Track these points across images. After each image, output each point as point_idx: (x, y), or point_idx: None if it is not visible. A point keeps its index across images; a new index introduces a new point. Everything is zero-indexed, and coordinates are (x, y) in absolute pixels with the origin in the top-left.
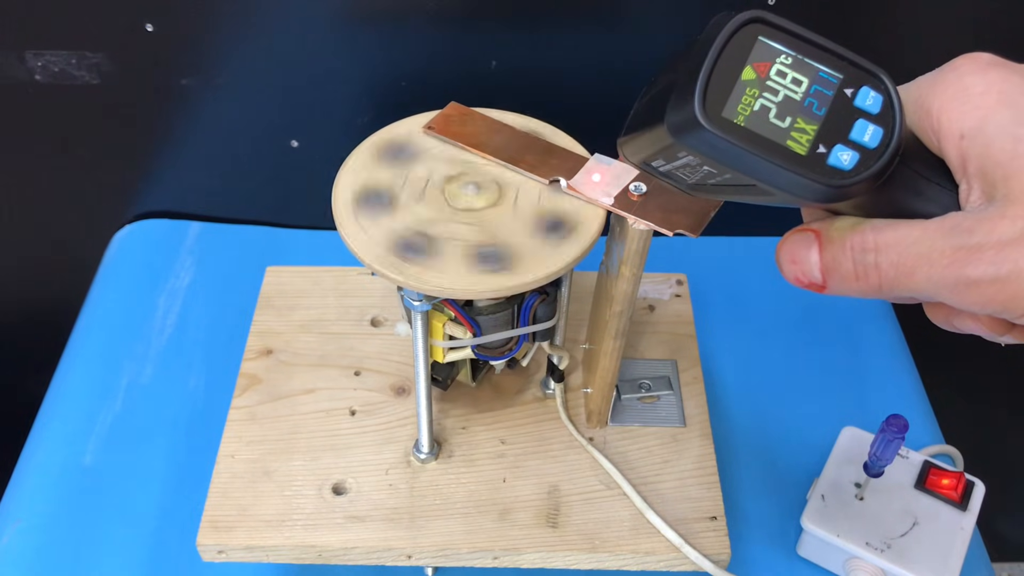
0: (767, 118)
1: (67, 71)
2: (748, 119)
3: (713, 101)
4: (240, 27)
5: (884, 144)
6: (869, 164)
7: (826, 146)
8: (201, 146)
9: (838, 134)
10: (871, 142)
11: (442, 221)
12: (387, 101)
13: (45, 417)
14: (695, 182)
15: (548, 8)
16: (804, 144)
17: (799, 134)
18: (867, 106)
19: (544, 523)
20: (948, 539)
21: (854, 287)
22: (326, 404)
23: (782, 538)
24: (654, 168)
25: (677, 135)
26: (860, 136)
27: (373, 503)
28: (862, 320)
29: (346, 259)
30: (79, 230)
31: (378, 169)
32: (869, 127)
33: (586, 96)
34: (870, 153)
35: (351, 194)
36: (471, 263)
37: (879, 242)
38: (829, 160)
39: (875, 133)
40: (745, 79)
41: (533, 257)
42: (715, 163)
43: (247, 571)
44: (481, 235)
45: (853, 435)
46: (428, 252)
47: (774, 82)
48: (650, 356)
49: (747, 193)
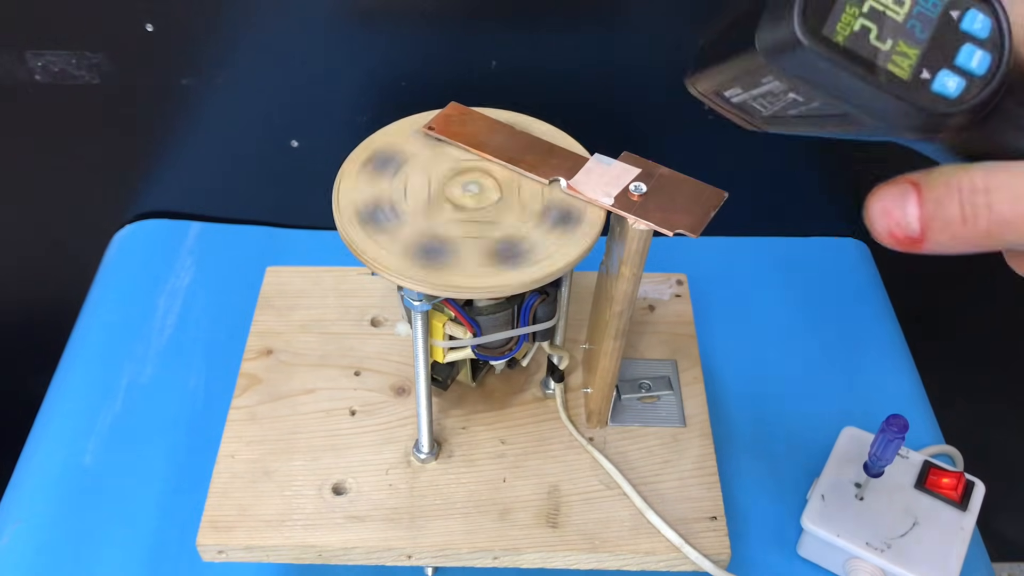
0: (868, 39)
1: (67, 71)
2: (848, 39)
3: (812, 17)
4: (240, 27)
5: (992, 71)
6: (976, 91)
7: (930, 71)
8: (201, 146)
9: (943, 59)
10: (978, 68)
11: (452, 222)
12: (387, 101)
13: (45, 417)
14: (772, 113)
15: (548, 8)
16: (906, 68)
17: (901, 57)
18: (974, 30)
19: (544, 523)
20: (948, 539)
21: (959, 234)
22: (326, 404)
23: (782, 538)
24: (726, 99)
25: (771, 56)
26: (967, 62)
27: (373, 503)
28: (862, 320)
29: (346, 259)
30: (79, 230)
31: (374, 182)
32: (976, 52)
33: (586, 96)
34: (977, 80)
35: (355, 212)
36: (491, 260)
37: (990, 182)
38: (933, 86)
39: (983, 59)
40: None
41: (548, 248)
42: (808, 87)
43: (247, 571)
44: (494, 232)
45: (853, 435)
46: (447, 254)
47: (875, 2)
48: (650, 356)
49: (833, 124)
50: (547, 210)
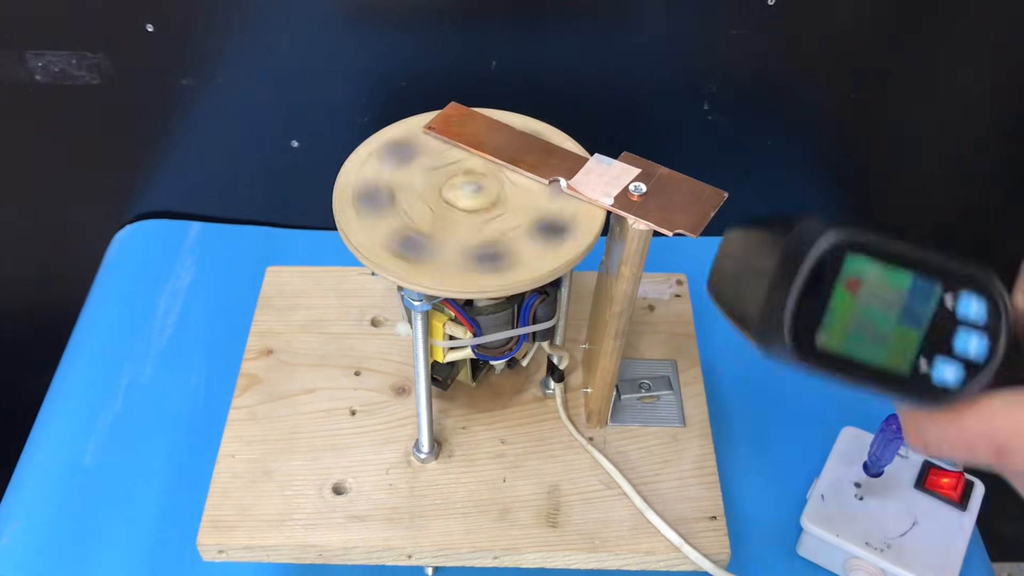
0: (864, 338)
1: (67, 71)
2: (844, 343)
3: (804, 328)
4: (240, 27)
5: (991, 354)
6: (976, 377)
7: (927, 362)
8: (201, 146)
9: (940, 346)
10: (977, 355)
11: (441, 220)
12: (387, 101)
13: (45, 417)
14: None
15: (548, 8)
16: (906, 362)
17: (897, 351)
18: (970, 314)
19: (544, 523)
20: (948, 539)
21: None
22: (326, 404)
23: (782, 538)
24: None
25: (769, 355)
26: (964, 348)
27: (373, 503)
28: None
29: (346, 259)
30: (79, 230)
31: (380, 167)
32: (973, 337)
33: (586, 96)
34: (977, 366)
35: (351, 191)
36: (469, 263)
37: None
38: (934, 378)
39: (980, 344)
40: (836, 300)
41: (530, 257)
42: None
43: (247, 571)
44: (480, 235)
45: (853, 435)
46: (426, 250)
47: (867, 298)
48: (650, 356)
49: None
50: (539, 219)
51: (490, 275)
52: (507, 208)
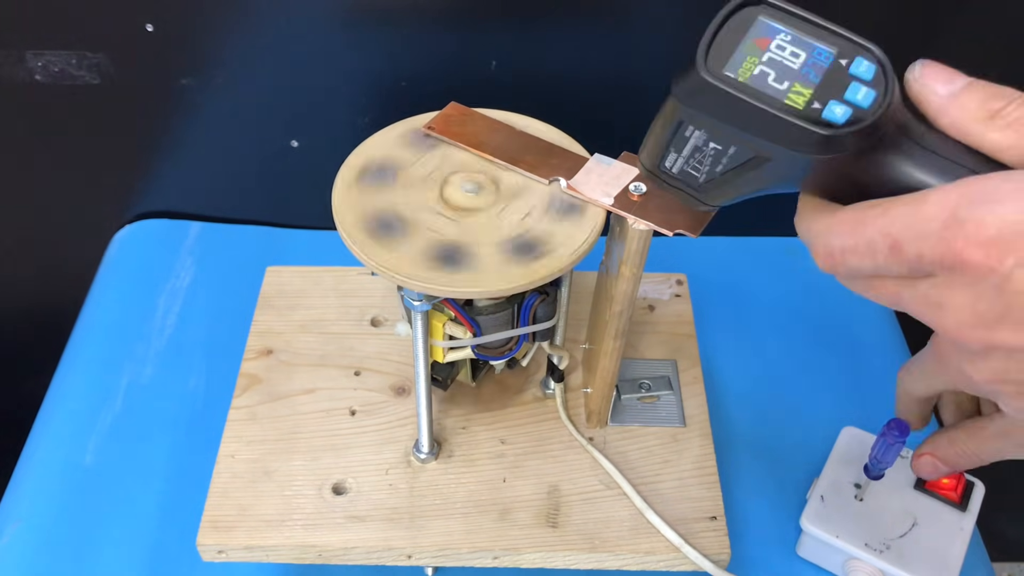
0: (766, 81)
1: (67, 71)
2: (749, 79)
3: (715, 62)
4: (240, 27)
5: (877, 103)
6: (862, 119)
7: (821, 103)
8: (201, 146)
9: (832, 94)
10: (864, 101)
11: (426, 211)
12: (387, 101)
13: (45, 417)
14: (705, 176)
15: (548, 8)
16: (800, 103)
17: (796, 95)
18: (860, 72)
19: (544, 523)
20: (948, 540)
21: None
22: (326, 404)
23: (782, 538)
24: (668, 172)
25: (686, 99)
26: (853, 96)
27: (373, 503)
28: (862, 320)
29: (346, 259)
30: (79, 230)
31: (398, 148)
32: (862, 88)
33: (586, 96)
34: (863, 111)
35: (360, 162)
36: (430, 257)
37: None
38: (824, 113)
39: (867, 94)
40: (745, 49)
41: (489, 269)
42: (720, 128)
43: (247, 571)
44: (453, 234)
45: (853, 435)
46: (399, 235)
47: (773, 54)
48: (650, 356)
49: (750, 171)
50: (517, 237)
51: (450, 274)
52: (494, 215)
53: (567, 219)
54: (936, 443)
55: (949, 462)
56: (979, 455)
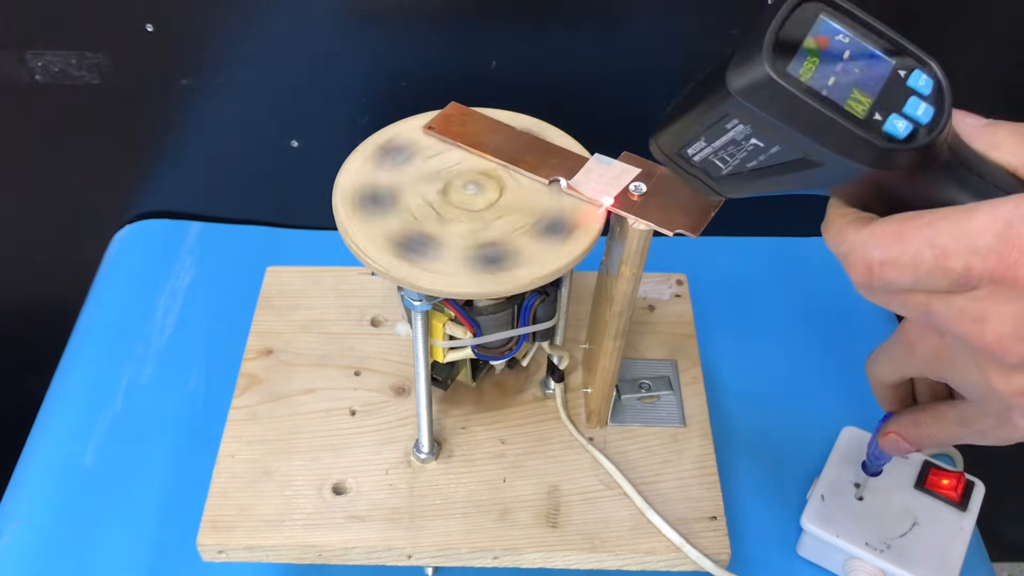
0: (827, 83)
1: (67, 71)
2: (810, 80)
3: (778, 60)
4: (240, 27)
5: (935, 121)
6: (921, 137)
7: (882, 115)
8: (201, 146)
9: (893, 106)
10: (923, 117)
11: (443, 221)
12: (387, 101)
13: (45, 417)
14: (731, 169)
15: (548, 8)
16: (860, 112)
17: (856, 103)
18: (919, 87)
19: (544, 523)
20: (948, 539)
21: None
22: (326, 404)
23: (782, 538)
24: (687, 159)
25: (744, 94)
26: (913, 111)
27: (373, 503)
28: (862, 320)
29: (346, 259)
30: (79, 230)
31: (377, 170)
32: (921, 104)
33: (586, 96)
34: (923, 127)
35: (351, 195)
36: (472, 263)
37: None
38: (885, 126)
39: (927, 110)
40: (807, 47)
41: (533, 257)
42: (771, 127)
43: (247, 571)
44: (481, 235)
45: (853, 435)
46: (428, 252)
47: (833, 56)
48: (650, 356)
49: (788, 172)
50: (540, 219)
51: (492, 275)
52: (508, 208)
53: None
54: (901, 423)
55: (912, 442)
56: (939, 438)
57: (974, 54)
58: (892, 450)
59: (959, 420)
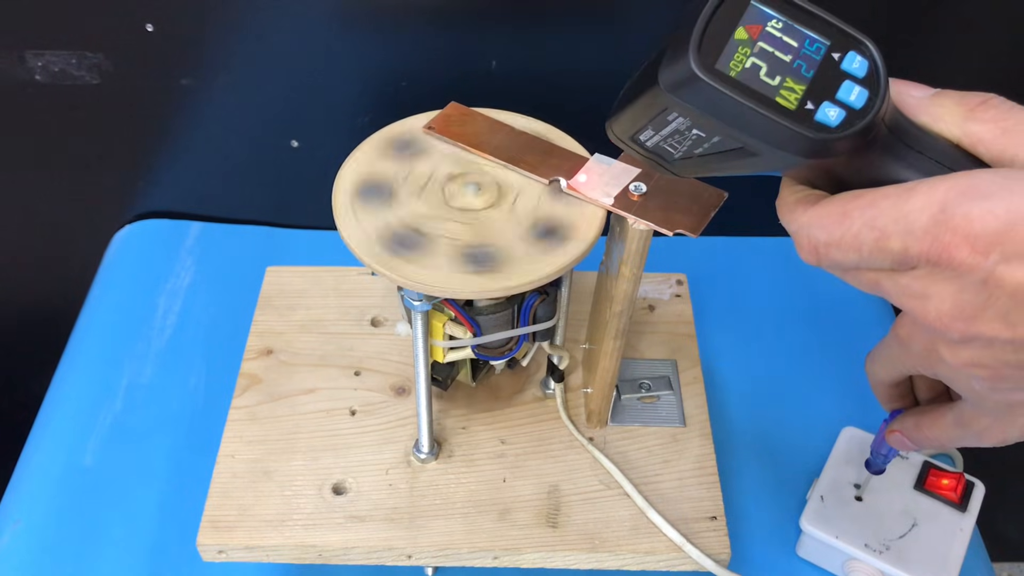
0: (758, 75)
1: (67, 71)
2: (740, 74)
3: (707, 55)
4: (240, 27)
5: (869, 105)
6: (854, 122)
7: (814, 103)
8: (201, 146)
9: (825, 93)
10: (856, 102)
11: (438, 219)
12: (387, 101)
13: (45, 417)
14: (682, 155)
15: (548, 8)
16: (793, 101)
17: (788, 92)
18: (853, 69)
19: (544, 523)
20: (947, 540)
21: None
22: (326, 404)
23: (782, 539)
24: (641, 144)
25: (673, 90)
26: (846, 96)
27: (373, 503)
28: (862, 320)
29: (346, 259)
30: (79, 230)
31: (383, 161)
32: (855, 88)
33: (586, 96)
34: (856, 112)
35: (352, 185)
36: (460, 262)
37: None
38: (817, 116)
39: (860, 94)
40: (737, 38)
41: (522, 261)
42: (706, 120)
43: (247, 571)
44: (474, 235)
45: (853, 435)
46: (420, 248)
47: (765, 43)
48: (650, 356)
49: (733, 159)
50: (536, 223)
51: (484, 276)
52: (507, 208)
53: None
54: (904, 424)
55: (915, 442)
56: (941, 440)
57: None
58: (899, 446)
59: (956, 422)
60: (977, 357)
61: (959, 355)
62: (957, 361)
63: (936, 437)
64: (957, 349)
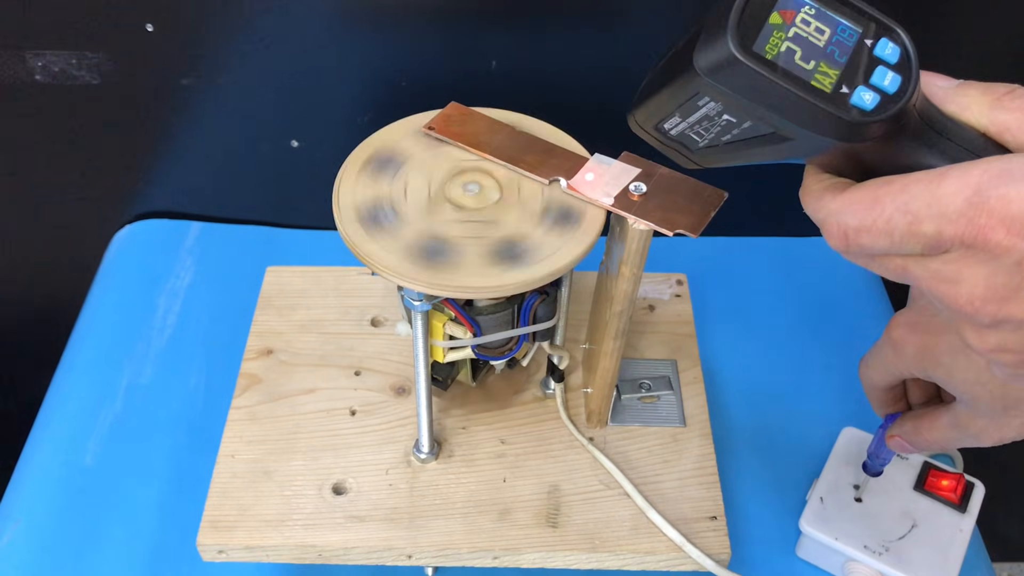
0: (793, 59)
1: (67, 71)
2: (776, 57)
3: (744, 38)
4: (240, 27)
5: (902, 90)
6: (888, 107)
7: (849, 87)
8: (201, 146)
9: (859, 78)
10: (890, 87)
11: (453, 223)
12: (387, 101)
13: (45, 417)
14: (707, 142)
15: (548, 8)
16: (828, 85)
17: (823, 76)
18: (886, 55)
19: (544, 523)
20: (947, 541)
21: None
22: (326, 404)
23: (782, 539)
24: (664, 132)
25: (710, 73)
26: (880, 81)
27: (373, 503)
28: (862, 320)
29: (346, 259)
30: (79, 230)
31: (375, 185)
32: (888, 73)
33: (586, 96)
34: (890, 97)
35: (355, 213)
36: (492, 259)
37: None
38: (852, 99)
39: (894, 79)
40: (772, 23)
41: (548, 247)
42: (741, 103)
43: (247, 571)
44: (493, 231)
45: (853, 435)
46: (448, 255)
47: (799, 28)
48: (650, 356)
49: (761, 145)
50: (547, 209)
51: (521, 270)
52: (515, 199)
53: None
54: (903, 427)
55: (915, 445)
56: (940, 443)
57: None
58: (899, 449)
59: (953, 424)
60: (1004, 341)
61: (987, 340)
62: (984, 346)
63: (935, 440)
64: (985, 334)
